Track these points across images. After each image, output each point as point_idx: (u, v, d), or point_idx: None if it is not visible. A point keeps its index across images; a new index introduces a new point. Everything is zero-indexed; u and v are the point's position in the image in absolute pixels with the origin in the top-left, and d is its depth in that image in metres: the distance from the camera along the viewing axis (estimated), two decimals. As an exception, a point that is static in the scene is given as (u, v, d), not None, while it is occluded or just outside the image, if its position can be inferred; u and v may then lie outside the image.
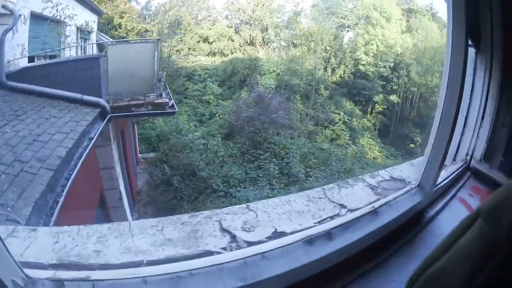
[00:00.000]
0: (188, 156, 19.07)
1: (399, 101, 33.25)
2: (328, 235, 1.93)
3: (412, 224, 2.55)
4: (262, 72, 32.99)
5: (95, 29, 19.22)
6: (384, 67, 34.06)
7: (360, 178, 2.75)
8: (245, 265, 1.66)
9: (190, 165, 18.20)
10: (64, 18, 14.27)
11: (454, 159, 3.87)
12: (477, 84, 3.74)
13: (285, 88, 30.14)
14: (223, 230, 1.89)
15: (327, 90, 32.05)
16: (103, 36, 21.49)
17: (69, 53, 15.49)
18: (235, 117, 23.80)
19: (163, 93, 11.76)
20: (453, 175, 3.41)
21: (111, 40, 19.99)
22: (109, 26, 26.51)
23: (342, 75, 34.83)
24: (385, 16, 35.04)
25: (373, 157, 27.27)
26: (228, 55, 37.86)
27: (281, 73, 32.21)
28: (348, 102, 32.98)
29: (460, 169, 3.61)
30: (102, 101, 9.60)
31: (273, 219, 2.01)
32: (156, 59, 11.00)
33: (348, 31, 38.76)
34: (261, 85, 29.73)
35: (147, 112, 11.06)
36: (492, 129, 3.72)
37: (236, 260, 1.66)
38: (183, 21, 39.23)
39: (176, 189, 16.93)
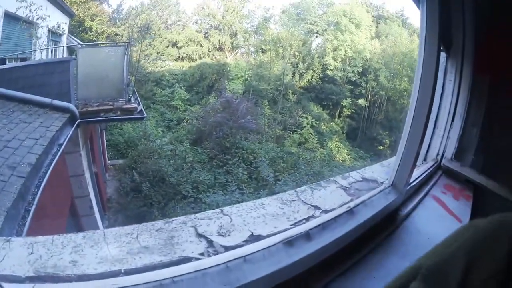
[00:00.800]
0: (156, 162, 19.07)
1: (367, 104, 33.87)
2: (307, 236, 1.96)
3: (387, 222, 2.63)
4: (230, 77, 33.22)
5: (66, 31, 19.02)
6: (353, 72, 34.71)
7: (332, 180, 2.75)
8: (228, 270, 1.66)
9: (159, 171, 18.23)
10: (37, 19, 14.13)
11: (425, 159, 4.04)
12: (447, 87, 3.95)
13: (253, 93, 30.47)
14: (199, 235, 1.87)
15: (295, 95, 32.47)
16: (74, 39, 21.28)
17: (40, 56, 15.30)
18: (203, 122, 23.97)
19: (132, 98, 11.72)
20: (425, 174, 3.52)
21: (81, 43, 19.76)
22: (80, 28, 26.20)
23: (310, 80, 35.47)
24: (354, 22, 35.77)
25: (341, 160, 27.67)
26: (196, 60, 37.83)
27: (249, 78, 32.52)
28: (315, 106, 33.46)
29: (431, 168, 3.77)
30: (71, 106, 9.42)
31: (248, 223, 2.02)
32: (125, 64, 10.84)
33: (317, 37, 39.41)
34: (229, 90, 29.91)
35: (116, 117, 11.00)
36: (462, 130, 3.99)
37: (218, 265, 1.66)
38: (153, 25, 39.06)
39: (145, 196, 16.95)
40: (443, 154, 4.03)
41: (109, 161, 19.92)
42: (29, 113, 8.66)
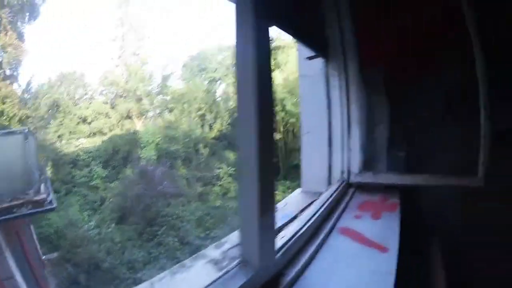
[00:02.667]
0: (88, 250, 19.00)
1: (282, 135, 34.55)
2: None
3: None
4: (143, 145, 33.33)
5: None
6: None
7: (201, 255, 2.14)
8: None
9: (92, 259, 18.22)
10: None
11: (330, 183, 3.89)
12: (333, 95, 3.84)
13: (166, 156, 30.79)
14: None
15: (207, 148, 33.06)
16: None
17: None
18: (123, 198, 23.99)
19: (43, 187, 11.19)
20: (327, 203, 3.12)
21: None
22: None
23: (220, 129, 36.22)
24: None
25: None
26: (107, 133, 37.54)
27: (160, 142, 32.86)
28: (231, 153, 33.60)
29: (336, 192, 3.50)
30: None
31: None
32: (30, 151, 10.76)
33: (220, 83, 40.40)
34: (143, 158, 30.20)
35: (27, 212, 10.44)
36: (364, 135, 3.94)
37: None
38: (62, 102, 38.63)
39: (86, 288, 16.48)
40: (349, 170, 3.91)
41: (44, 256, 18.70)
42: None
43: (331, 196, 3.36)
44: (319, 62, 3.86)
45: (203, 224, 22.38)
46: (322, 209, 3.01)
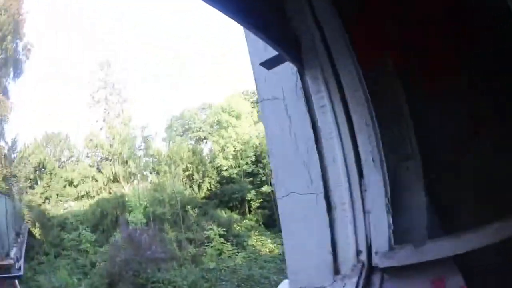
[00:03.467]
0: None
1: (272, 188, 34.18)
2: None
3: None
4: (130, 208, 32.99)
5: None
6: (247, 163, 35.73)
7: None
8: None
9: None
10: None
11: (336, 272, 2.38)
12: (322, 120, 2.43)
13: (154, 219, 30.46)
14: None
15: (196, 208, 32.51)
16: None
17: None
18: (111, 264, 23.36)
19: (14, 251, 11.14)
20: None
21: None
22: None
23: (209, 188, 36.03)
24: (234, 114, 37.06)
25: (269, 251, 27.89)
26: (94, 196, 37.19)
27: (147, 205, 32.50)
28: (223, 211, 33.68)
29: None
30: None
31: None
32: (7, 215, 10.46)
33: (206, 142, 40.55)
34: (132, 222, 29.65)
35: None
36: (390, 183, 2.37)
37: None
38: (48, 163, 38.49)
39: None
40: (369, 247, 2.33)
41: None
42: None
43: None
44: (288, 73, 2.46)
45: (197, 288, 21.54)
46: None
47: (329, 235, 2.38)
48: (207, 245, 27.70)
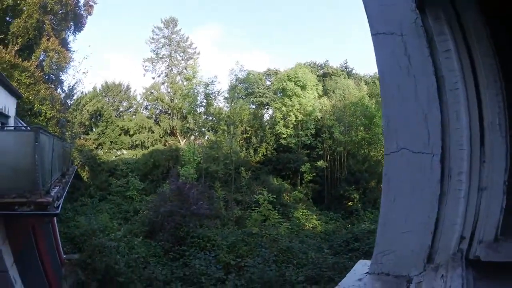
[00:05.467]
0: (109, 258, 17.87)
1: (327, 164, 33.99)
2: None
3: None
4: (183, 162, 33.20)
5: (13, 113, 18.15)
6: (306, 135, 35.16)
7: None
8: None
9: (111, 268, 17.07)
10: None
11: (428, 261, 1.87)
12: (446, 72, 1.84)
13: (205, 176, 30.31)
14: None
15: (249, 171, 32.33)
16: (21, 122, 20.29)
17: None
18: (155, 213, 23.30)
19: (56, 190, 10.95)
20: None
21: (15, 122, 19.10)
22: (30, 112, 24.93)
23: (265, 153, 35.75)
24: (300, 85, 36.16)
25: (311, 227, 27.16)
26: (148, 147, 37.96)
27: (201, 162, 32.32)
28: (275, 178, 33.37)
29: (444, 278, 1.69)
30: None
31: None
32: (46, 152, 10.28)
33: (267, 108, 40.38)
34: (183, 176, 29.50)
35: (28, 212, 9.80)
36: (507, 151, 1.72)
37: None
38: (105, 112, 39.64)
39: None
40: (473, 233, 1.77)
41: (64, 256, 18.65)
42: None
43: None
44: (406, 7, 1.90)
45: (235, 250, 20.71)
46: None
47: (435, 211, 1.84)
48: (253, 209, 27.36)
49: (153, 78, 43.87)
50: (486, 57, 1.75)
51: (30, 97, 23.72)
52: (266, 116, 40.31)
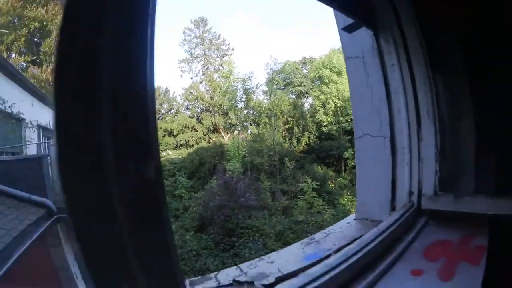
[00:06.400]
0: None
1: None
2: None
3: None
4: (228, 157, 33.89)
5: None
6: (346, 121, 34.98)
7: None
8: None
9: None
10: (20, 115, 15.19)
11: (393, 209, 2.73)
12: (392, 77, 2.77)
13: (251, 169, 31.00)
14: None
15: (293, 161, 32.75)
16: None
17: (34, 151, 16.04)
18: (204, 208, 24.07)
19: None
20: (376, 242, 2.15)
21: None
22: None
23: (307, 142, 36.18)
24: (335, 71, 36.17)
25: None
26: (193, 145, 38.81)
27: (246, 155, 33.07)
28: (319, 167, 33.54)
29: (398, 223, 2.41)
30: (47, 201, 9.77)
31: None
32: None
33: (307, 97, 40.36)
34: (229, 171, 30.10)
35: None
36: (441, 136, 2.70)
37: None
38: None
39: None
40: (420, 190, 2.68)
41: None
42: (8, 205, 9.17)
43: (383, 232, 2.26)
44: (366, 36, 2.84)
45: (282, 238, 21.48)
46: (361, 254, 1.99)
47: (390, 175, 2.77)
48: (299, 198, 27.63)
49: (191, 78, 44.63)
50: (420, 66, 2.72)
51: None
52: (307, 105, 40.31)
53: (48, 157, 11.35)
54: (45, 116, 17.44)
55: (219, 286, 1.79)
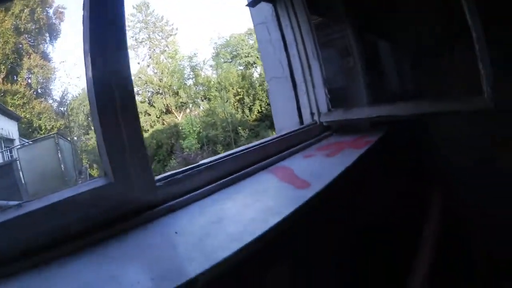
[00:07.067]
0: None
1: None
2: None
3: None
4: (184, 136, 33.98)
5: (16, 136, 19.09)
6: None
7: None
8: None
9: None
10: None
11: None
12: (288, 35, 3.55)
13: (207, 143, 31.57)
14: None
15: (247, 130, 33.67)
16: (25, 141, 21.17)
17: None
18: None
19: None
20: (277, 139, 2.77)
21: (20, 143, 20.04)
22: (30, 130, 26.27)
23: (260, 110, 36.75)
24: None
25: None
26: (148, 130, 38.59)
27: (201, 130, 33.48)
28: (273, 132, 33.37)
29: (298, 132, 3.13)
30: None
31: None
32: (65, 154, 11.00)
33: (256, 67, 40.60)
34: (187, 148, 30.55)
35: None
36: (326, 69, 3.51)
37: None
38: None
39: None
40: (318, 110, 3.51)
41: None
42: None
43: (286, 134, 2.97)
44: (267, 7, 3.68)
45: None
46: (263, 144, 2.61)
47: (295, 102, 3.59)
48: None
49: (138, 63, 44.12)
50: (304, 23, 3.50)
51: (27, 116, 25.06)
52: (256, 75, 40.49)
53: (17, 161, 11.34)
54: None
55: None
